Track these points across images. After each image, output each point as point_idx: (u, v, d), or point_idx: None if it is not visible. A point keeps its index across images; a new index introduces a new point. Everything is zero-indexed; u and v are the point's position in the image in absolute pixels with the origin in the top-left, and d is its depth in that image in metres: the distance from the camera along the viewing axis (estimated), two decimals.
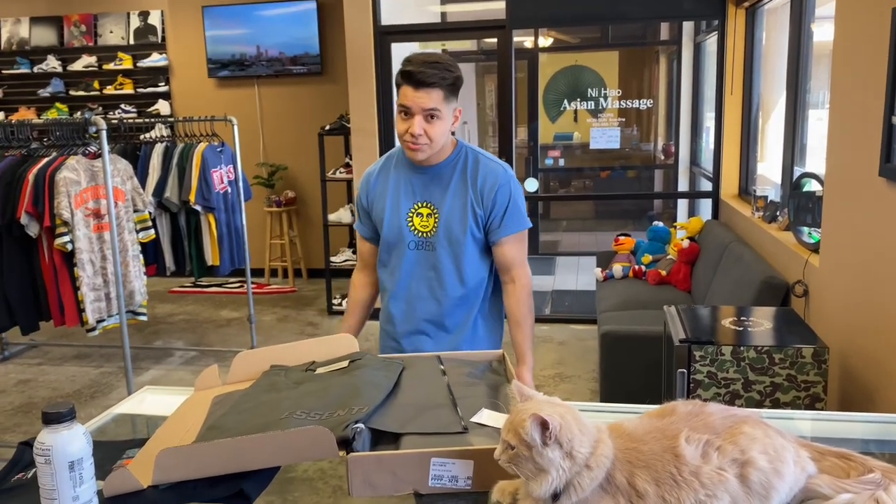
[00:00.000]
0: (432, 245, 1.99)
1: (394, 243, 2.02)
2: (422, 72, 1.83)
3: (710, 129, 5.54)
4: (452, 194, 1.98)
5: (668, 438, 1.00)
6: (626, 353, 3.38)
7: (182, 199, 4.19)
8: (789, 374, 2.31)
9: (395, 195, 2.02)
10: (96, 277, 3.33)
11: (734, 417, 1.03)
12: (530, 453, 0.95)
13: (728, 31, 4.79)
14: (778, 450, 0.99)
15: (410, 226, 2.00)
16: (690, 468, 0.97)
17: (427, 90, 1.84)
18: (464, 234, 1.98)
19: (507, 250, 2.00)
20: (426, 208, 2.00)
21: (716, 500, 0.96)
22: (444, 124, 1.90)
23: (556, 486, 0.95)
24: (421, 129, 1.86)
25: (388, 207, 2.02)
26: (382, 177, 2.06)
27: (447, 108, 1.89)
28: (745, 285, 3.27)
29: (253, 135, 6.66)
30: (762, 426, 1.02)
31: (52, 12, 6.85)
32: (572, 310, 5.59)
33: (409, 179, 2.01)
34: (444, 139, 1.93)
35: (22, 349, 5.02)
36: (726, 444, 0.99)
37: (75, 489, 0.99)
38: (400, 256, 2.02)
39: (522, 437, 0.95)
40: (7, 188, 3.19)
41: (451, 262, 1.99)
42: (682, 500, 0.96)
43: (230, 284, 6.54)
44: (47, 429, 0.99)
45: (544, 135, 6.78)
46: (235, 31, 6.50)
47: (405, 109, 1.88)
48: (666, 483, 0.97)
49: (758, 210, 3.97)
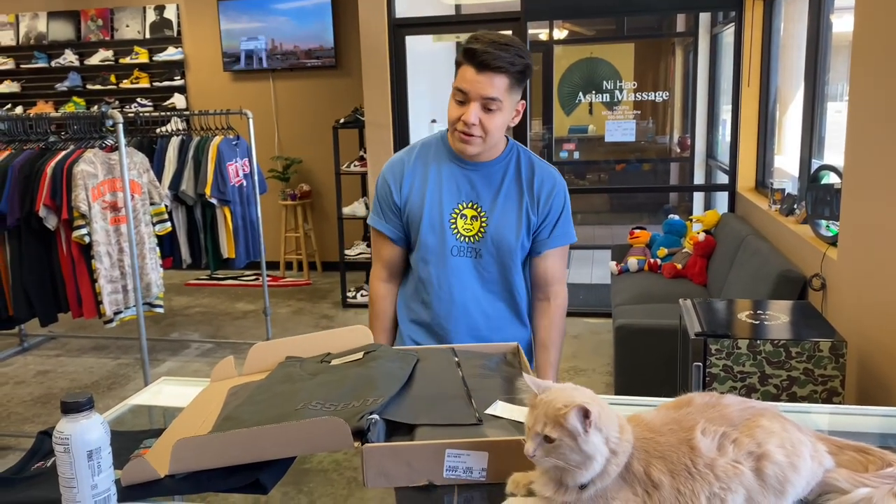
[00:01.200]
0: (477, 251, 1.77)
1: (434, 247, 1.78)
2: (488, 52, 1.60)
3: (726, 121, 5.50)
4: (505, 197, 1.77)
5: (685, 430, 0.99)
6: (641, 347, 3.37)
7: (198, 192, 4.22)
8: (806, 368, 2.29)
9: (437, 191, 1.77)
10: (113, 270, 3.35)
11: (751, 410, 1.02)
12: (576, 443, 0.94)
13: (745, 22, 4.75)
14: (795, 444, 0.98)
15: (453, 228, 1.77)
16: (706, 460, 0.96)
17: (491, 75, 1.61)
18: (516, 241, 1.77)
19: (550, 264, 1.82)
20: (471, 210, 1.77)
21: (730, 492, 0.95)
22: (503, 117, 1.67)
23: (599, 470, 0.95)
24: (476, 117, 1.64)
25: (429, 204, 1.77)
26: (419, 168, 1.80)
27: (510, 99, 1.66)
28: (762, 279, 3.24)
29: (268, 128, 6.68)
30: (780, 419, 1.01)
31: (69, 7, 6.90)
32: (587, 303, 5.58)
33: (452, 175, 1.77)
34: (500, 135, 1.72)
35: (41, 341, 5.08)
36: (742, 437, 0.98)
37: (94, 478, 1.00)
38: (437, 263, 1.79)
39: (566, 427, 0.94)
40: (26, 181, 3.22)
41: (498, 272, 1.79)
42: (696, 492, 0.95)
43: (246, 277, 6.58)
44: (66, 418, 1.00)
45: (559, 127, 6.74)
46: (250, 24, 6.52)
47: (462, 93, 1.65)
48: (681, 475, 0.96)
49: (775, 203, 3.93)
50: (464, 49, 1.65)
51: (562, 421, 0.94)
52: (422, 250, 1.80)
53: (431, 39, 5.34)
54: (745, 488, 0.96)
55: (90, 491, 1.00)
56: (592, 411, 0.93)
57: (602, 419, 0.95)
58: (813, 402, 2.28)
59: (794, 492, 0.97)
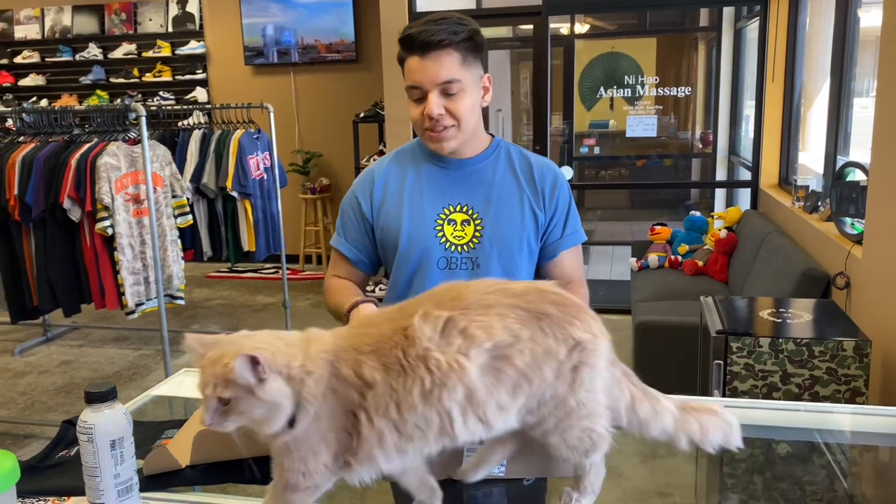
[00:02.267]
0: (474, 261, 1.53)
1: (415, 262, 1.55)
2: (424, 31, 1.42)
3: (749, 117, 5.44)
4: (500, 195, 1.55)
5: (405, 317, 0.86)
6: (660, 344, 3.35)
7: (219, 186, 4.25)
8: (829, 368, 2.26)
9: (418, 196, 1.55)
10: (135, 261, 3.39)
11: (502, 292, 0.88)
12: (254, 396, 0.82)
13: (770, 16, 4.69)
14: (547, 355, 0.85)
15: (440, 237, 1.54)
16: (418, 351, 0.83)
17: (437, 55, 1.42)
18: (519, 244, 1.54)
19: (567, 266, 1.60)
20: (461, 213, 1.54)
21: (445, 390, 0.82)
22: (469, 97, 1.47)
23: (290, 413, 0.84)
24: (440, 107, 1.44)
25: (408, 211, 1.55)
26: (394, 175, 1.59)
27: (468, 75, 1.45)
28: (785, 276, 3.21)
29: (288, 122, 6.71)
30: (537, 318, 0.88)
31: (93, 1, 6.97)
32: (606, 300, 5.55)
33: (433, 177, 1.56)
34: (474, 118, 1.51)
35: (64, 331, 5.15)
36: (473, 328, 0.84)
37: (116, 467, 1.01)
38: (424, 280, 1.54)
39: (237, 383, 0.81)
40: (51, 173, 3.26)
41: None
42: (408, 388, 0.83)
43: (265, 270, 6.62)
44: (90, 408, 1.01)
45: (579, 123, 6.71)
46: (271, 18, 6.54)
47: (415, 89, 1.46)
48: (393, 369, 0.83)
49: (798, 200, 3.89)
50: (400, 40, 1.47)
51: (230, 377, 0.82)
52: (403, 266, 1.56)
53: None
54: (465, 387, 0.84)
55: (113, 480, 1.01)
56: (261, 357, 0.81)
57: (276, 359, 0.83)
58: (836, 402, 2.26)
59: (530, 397, 0.86)
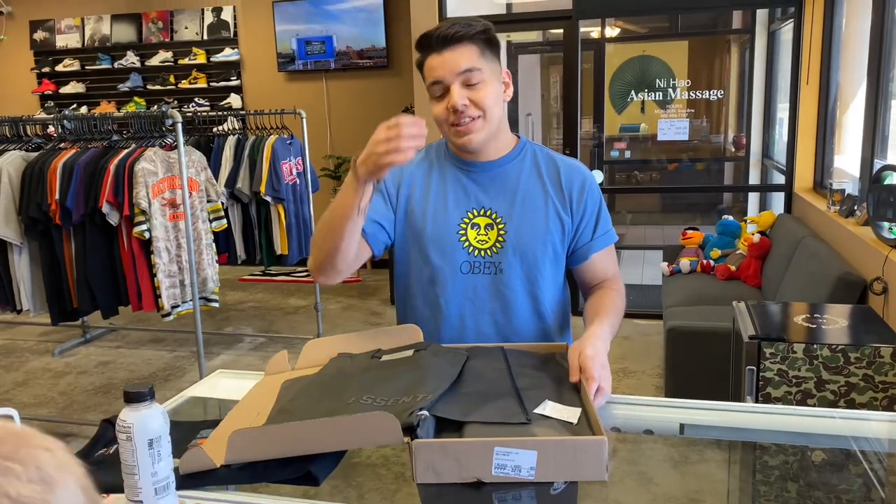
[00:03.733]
0: (496, 266, 1.53)
1: (438, 266, 1.54)
2: (440, 28, 1.45)
3: (783, 120, 5.37)
4: (524, 199, 1.54)
5: None
6: (692, 350, 3.32)
7: (253, 190, 4.31)
8: (866, 374, 2.22)
9: (440, 200, 1.55)
10: (172, 265, 3.45)
11: None
12: None
13: (805, 17, 4.62)
14: None
15: (463, 241, 1.53)
16: None
17: (454, 47, 1.43)
18: (543, 250, 1.53)
19: (600, 266, 1.60)
20: (484, 217, 1.53)
21: None
22: (491, 87, 1.46)
23: None
24: (463, 97, 1.44)
25: (432, 215, 1.54)
26: (422, 173, 1.58)
27: (488, 66, 1.46)
28: (820, 282, 3.16)
29: (321, 127, 6.77)
30: None
31: (131, 10, 7.12)
32: (637, 304, 5.51)
33: (458, 180, 1.56)
34: (498, 110, 1.49)
35: (102, 332, 5.26)
36: None
37: (154, 465, 1.03)
38: (446, 284, 1.54)
39: None
40: (90, 179, 3.34)
41: (524, 289, 1.55)
42: None
43: (298, 273, 6.69)
44: (129, 407, 1.04)
45: (610, 126, 6.68)
46: (304, 25, 6.62)
47: (437, 85, 1.46)
48: None
49: (834, 204, 3.83)
50: (417, 43, 1.49)
51: None
52: (426, 269, 1.55)
53: None
54: None
55: (150, 478, 1.04)
56: None
57: None
58: (873, 410, 2.22)
59: None
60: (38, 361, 4.73)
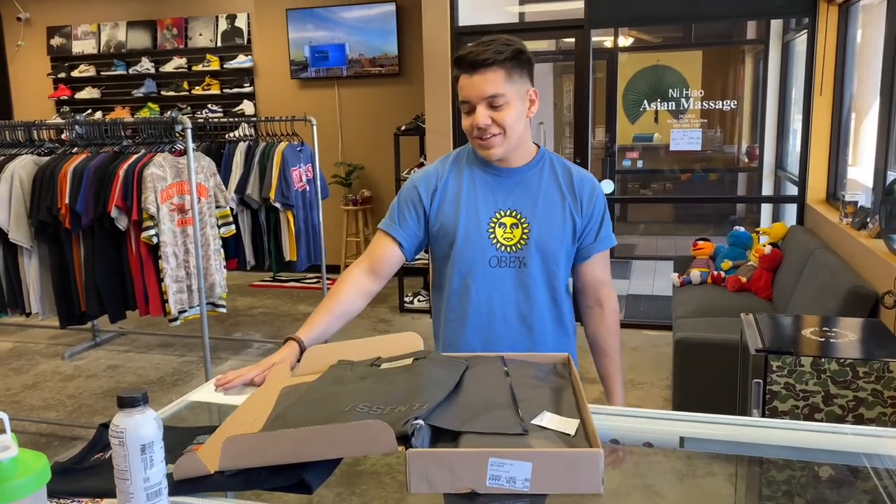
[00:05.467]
0: (521, 261, 1.72)
1: (470, 260, 1.73)
2: (472, 51, 1.60)
3: (797, 131, 5.33)
4: (545, 201, 1.72)
5: None
6: (701, 362, 3.29)
7: (262, 197, 4.33)
8: (875, 389, 2.19)
9: (472, 200, 1.73)
10: (179, 270, 3.47)
11: None
12: None
13: (819, 28, 4.60)
14: None
15: (492, 238, 1.72)
16: None
17: (483, 72, 1.59)
18: (560, 246, 1.73)
19: (598, 268, 1.78)
20: (510, 217, 1.72)
21: None
22: (514, 109, 1.63)
23: None
24: (487, 118, 1.62)
25: (465, 214, 1.72)
26: (452, 178, 1.76)
27: (513, 89, 1.62)
28: (830, 294, 3.13)
29: (332, 135, 6.80)
30: None
31: (147, 16, 7.19)
32: (647, 315, 5.48)
33: (487, 183, 1.74)
34: (519, 128, 1.67)
35: (111, 336, 5.28)
36: None
37: (146, 471, 1.03)
38: (476, 276, 1.73)
39: None
40: (99, 183, 3.36)
41: (543, 280, 1.74)
42: None
43: (308, 280, 6.70)
44: (122, 413, 1.04)
45: (623, 136, 6.67)
46: (317, 33, 6.66)
47: (466, 103, 1.64)
48: None
49: (846, 216, 3.79)
50: (454, 61, 1.66)
51: None
52: (458, 262, 1.74)
53: None
54: None
55: (142, 483, 1.03)
56: None
57: None
58: (881, 426, 2.19)
59: None
60: (47, 364, 4.76)
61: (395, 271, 1.82)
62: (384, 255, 1.78)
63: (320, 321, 1.71)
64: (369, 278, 1.78)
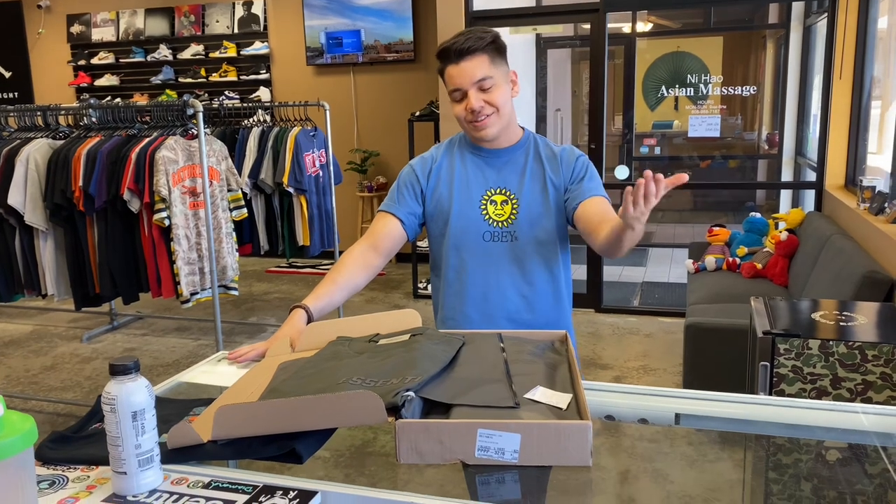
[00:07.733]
0: (512, 234, 1.81)
1: (463, 235, 1.83)
2: (456, 42, 1.72)
3: (817, 116, 5.25)
4: (530, 177, 1.83)
5: None
6: (711, 346, 3.26)
7: (276, 181, 4.34)
8: (883, 373, 2.16)
9: (464, 181, 1.85)
10: (191, 252, 3.49)
11: None
12: None
13: (839, 10, 4.51)
14: None
15: (484, 214, 1.82)
16: None
17: (469, 58, 1.71)
18: (548, 218, 1.80)
19: (599, 207, 1.73)
20: (500, 195, 1.82)
21: None
22: (502, 90, 1.76)
23: None
24: (479, 101, 1.73)
25: (457, 194, 1.83)
26: (447, 161, 1.89)
27: (498, 72, 1.75)
28: (845, 279, 3.09)
29: (348, 121, 6.80)
30: None
31: (164, 4, 7.23)
32: (662, 302, 5.44)
33: (477, 165, 1.85)
34: (509, 107, 1.79)
35: (129, 320, 5.35)
36: None
37: (137, 437, 1.05)
38: (471, 250, 1.83)
39: None
40: (112, 166, 3.39)
41: (536, 252, 1.81)
42: None
43: (323, 266, 6.73)
44: (114, 380, 1.05)
45: (642, 123, 6.60)
46: (333, 19, 6.65)
47: (456, 91, 1.75)
48: None
49: (864, 201, 3.73)
50: (437, 55, 1.78)
51: None
52: (453, 239, 1.84)
53: (509, 32, 5.31)
54: None
55: (134, 450, 1.05)
56: None
57: None
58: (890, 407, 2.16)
59: None
60: (66, 347, 4.84)
61: (398, 248, 1.87)
62: (385, 231, 1.85)
63: (326, 291, 1.75)
64: (371, 253, 1.83)
